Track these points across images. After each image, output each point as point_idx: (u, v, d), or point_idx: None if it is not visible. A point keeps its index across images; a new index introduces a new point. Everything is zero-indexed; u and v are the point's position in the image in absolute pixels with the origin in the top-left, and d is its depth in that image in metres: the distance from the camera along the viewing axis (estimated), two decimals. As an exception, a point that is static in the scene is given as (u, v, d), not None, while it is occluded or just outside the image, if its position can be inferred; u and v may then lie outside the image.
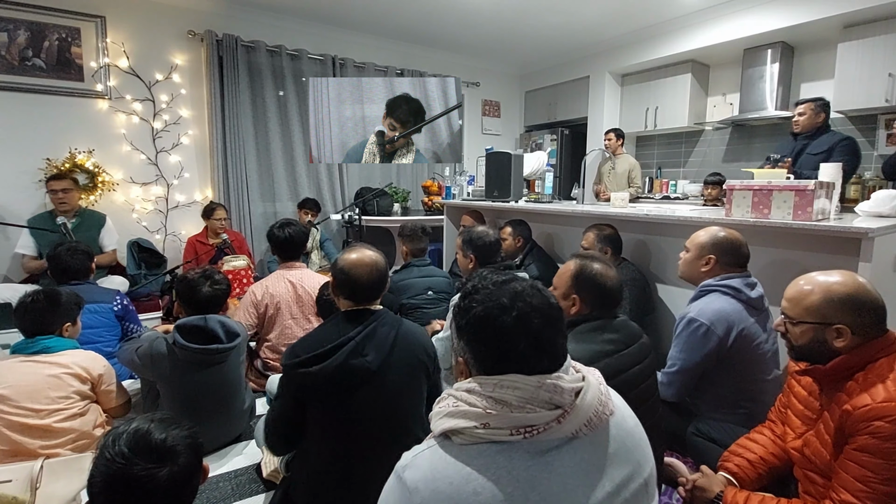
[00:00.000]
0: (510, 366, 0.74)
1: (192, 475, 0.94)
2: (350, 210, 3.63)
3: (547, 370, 0.74)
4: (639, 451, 0.79)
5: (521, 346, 0.74)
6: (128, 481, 0.86)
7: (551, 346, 0.76)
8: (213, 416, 1.92)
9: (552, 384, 0.72)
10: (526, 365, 0.73)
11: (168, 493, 0.88)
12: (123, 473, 0.86)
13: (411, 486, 0.70)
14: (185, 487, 0.92)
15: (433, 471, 0.70)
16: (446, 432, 0.73)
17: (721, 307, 1.62)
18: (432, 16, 4.44)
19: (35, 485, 1.44)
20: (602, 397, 0.76)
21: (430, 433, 0.77)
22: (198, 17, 4.10)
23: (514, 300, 0.76)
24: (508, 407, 0.71)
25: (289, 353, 1.36)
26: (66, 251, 2.30)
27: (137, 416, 0.96)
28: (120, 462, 0.86)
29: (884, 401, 1.02)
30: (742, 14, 4.03)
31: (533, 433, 0.69)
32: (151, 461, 0.88)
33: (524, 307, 0.75)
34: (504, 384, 0.72)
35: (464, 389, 0.76)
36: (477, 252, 2.13)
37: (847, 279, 1.15)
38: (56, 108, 3.61)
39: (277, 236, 2.49)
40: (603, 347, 1.30)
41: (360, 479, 1.33)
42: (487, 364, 0.76)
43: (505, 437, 0.70)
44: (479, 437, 0.70)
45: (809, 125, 3.21)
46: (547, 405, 0.71)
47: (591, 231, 2.48)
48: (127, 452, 0.87)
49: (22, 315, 1.73)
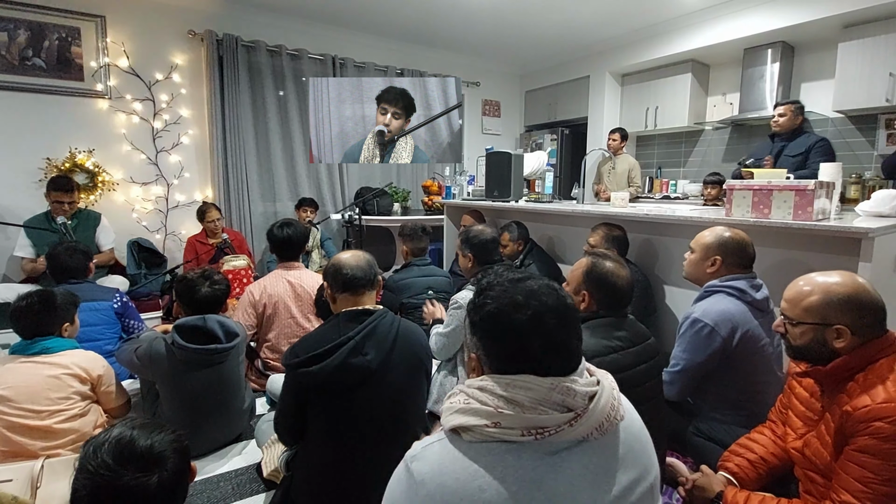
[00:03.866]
0: (523, 365, 0.73)
1: (182, 479, 0.92)
2: (350, 210, 3.62)
3: (560, 372, 0.73)
4: (646, 456, 0.79)
5: (535, 345, 0.73)
6: (116, 493, 0.82)
7: (565, 347, 0.75)
8: (212, 416, 1.92)
9: (565, 387, 0.71)
10: (539, 365, 0.73)
11: (159, 499, 0.86)
12: (111, 485, 0.82)
13: (418, 478, 0.70)
14: (176, 491, 0.90)
15: (440, 465, 0.70)
16: (456, 428, 0.73)
17: (726, 308, 1.62)
18: (432, 16, 4.44)
19: (35, 484, 1.44)
20: (614, 402, 0.76)
21: (441, 426, 0.77)
22: (198, 16, 4.09)
23: (529, 298, 0.75)
24: (521, 407, 0.70)
25: (289, 353, 1.37)
26: (64, 251, 2.29)
27: (117, 423, 0.92)
28: (105, 474, 0.82)
29: (884, 401, 1.02)
30: (742, 14, 4.02)
31: (544, 434, 0.69)
32: (139, 470, 0.84)
33: (539, 306, 0.74)
34: (517, 384, 0.72)
35: (476, 387, 0.75)
36: (474, 250, 2.14)
37: (847, 280, 1.15)
38: (56, 108, 3.61)
39: (277, 236, 2.49)
40: (612, 343, 1.33)
41: (361, 478, 1.34)
42: (500, 362, 0.75)
43: (516, 437, 0.69)
44: (489, 436, 0.70)
45: (789, 126, 3.33)
46: (559, 408, 0.71)
47: (601, 229, 2.47)
48: (112, 463, 0.83)
49: (17, 319, 1.70)
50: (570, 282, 1.50)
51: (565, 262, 3.14)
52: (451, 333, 2.03)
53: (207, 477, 1.83)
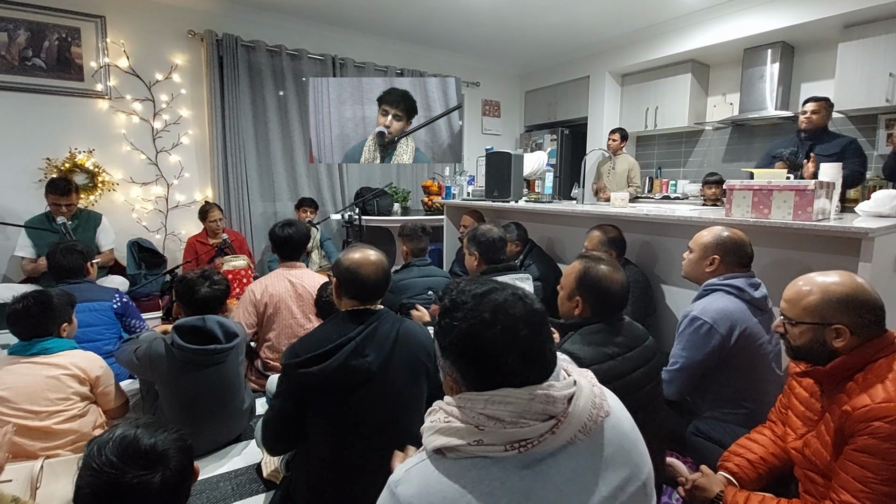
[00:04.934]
0: (501, 379, 0.71)
1: (185, 478, 0.92)
2: (350, 210, 3.63)
3: (538, 379, 0.72)
4: (636, 454, 0.78)
5: (510, 359, 0.71)
6: (120, 491, 0.83)
7: (540, 355, 0.74)
8: (212, 416, 1.92)
9: (544, 395, 0.70)
10: (516, 378, 0.71)
11: (162, 498, 0.86)
12: (115, 483, 0.83)
13: (404, 501, 0.69)
14: (179, 490, 0.90)
15: (426, 486, 0.69)
16: (440, 449, 0.71)
17: (724, 306, 1.62)
18: (432, 16, 4.44)
19: (35, 485, 1.44)
20: (596, 399, 0.75)
21: (423, 446, 0.75)
22: (198, 17, 4.09)
23: (497, 313, 0.73)
24: (501, 423, 0.69)
25: (288, 353, 1.36)
26: (61, 251, 2.29)
27: (121, 423, 0.93)
28: (109, 472, 0.83)
29: (883, 401, 1.02)
30: (742, 14, 4.03)
31: (528, 447, 0.68)
32: (143, 468, 0.85)
33: (507, 319, 0.72)
34: (495, 400, 0.70)
35: (455, 405, 0.73)
36: (481, 249, 2.13)
37: (845, 279, 1.15)
38: (56, 108, 3.61)
39: (278, 235, 2.50)
40: (609, 350, 1.30)
41: (361, 479, 1.33)
42: (476, 381, 0.73)
43: (499, 452, 0.68)
44: (471, 454, 0.69)
45: (821, 123, 3.17)
46: (540, 416, 0.70)
47: (596, 231, 2.44)
48: (116, 461, 0.84)
49: (14, 321, 1.70)
50: (564, 287, 1.47)
51: (565, 262, 3.14)
52: None
53: (207, 477, 1.83)
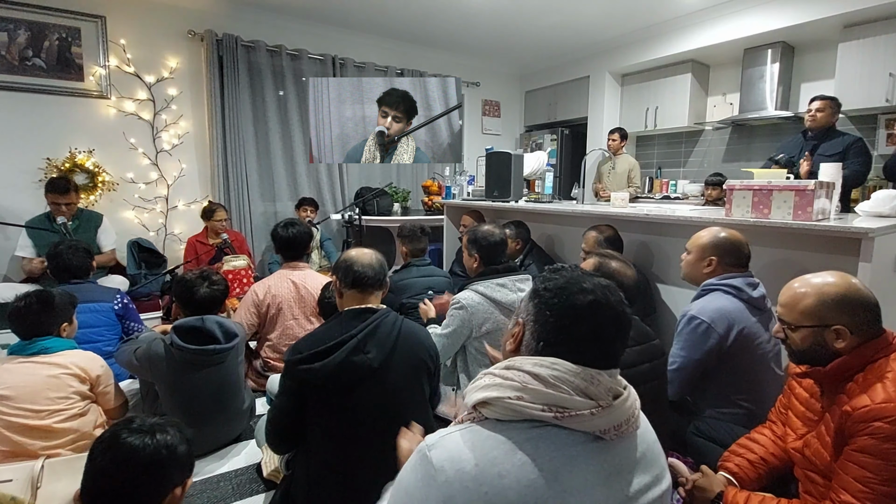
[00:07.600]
0: (562, 346, 0.75)
1: (175, 458, 1.01)
2: (350, 210, 3.62)
3: (593, 365, 0.75)
4: (658, 465, 0.81)
5: (583, 329, 0.75)
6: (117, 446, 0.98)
7: (609, 344, 0.77)
8: (212, 416, 1.92)
9: (590, 374, 0.73)
10: (577, 350, 0.75)
11: (148, 468, 0.97)
12: (115, 436, 1.00)
13: (437, 464, 0.71)
14: (166, 469, 0.99)
15: (459, 452, 0.71)
16: (479, 404, 0.75)
17: (722, 305, 1.62)
18: (432, 16, 4.44)
19: (36, 484, 1.44)
20: (636, 411, 0.79)
21: (456, 419, 0.79)
22: (198, 16, 4.09)
23: (595, 288, 0.78)
24: (543, 382, 0.72)
25: (291, 350, 1.37)
26: (66, 249, 2.28)
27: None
28: (110, 431, 1.01)
29: (883, 401, 1.02)
30: (742, 14, 4.03)
31: (564, 414, 0.71)
32: (138, 432, 1.00)
33: (601, 297, 0.77)
34: (543, 363, 0.74)
35: (502, 367, 0.78)
36: (482, 252, 2.08)
37: (837, 279, 1.15)
38: (56, 108, 3.61)
39: (281, 236, 2.50)
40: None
41: (361, 478, 1.34)
42: (544, 332, 0.78)
43: (537, 411, 0.71)
44: (510, 409, 0.72)
45: (826, 123, 3.10)
46: (580, 393, 0.72)
47: (592, 232, 2.46)
48: (121, 424, 1.02)
49: (15, 320, 1.70)
50: None
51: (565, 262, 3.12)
52: (452, 334, 1.98)
53: (207, 477, 1.83)
